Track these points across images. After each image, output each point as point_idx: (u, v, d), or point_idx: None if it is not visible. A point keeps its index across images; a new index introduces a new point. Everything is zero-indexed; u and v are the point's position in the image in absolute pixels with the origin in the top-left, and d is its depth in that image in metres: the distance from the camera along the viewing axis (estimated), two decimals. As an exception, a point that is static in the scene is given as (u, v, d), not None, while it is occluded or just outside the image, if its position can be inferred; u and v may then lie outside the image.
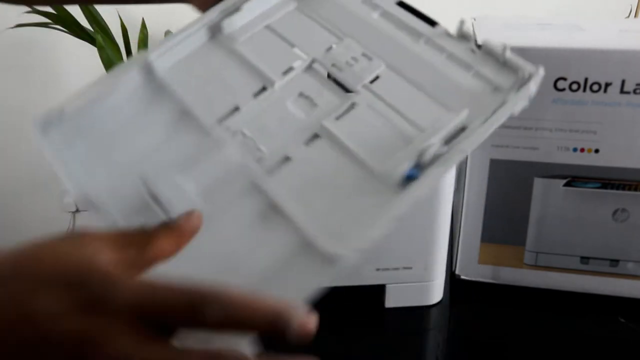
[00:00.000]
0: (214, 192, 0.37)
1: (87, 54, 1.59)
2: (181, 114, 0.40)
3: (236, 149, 0.38)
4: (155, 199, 0.35)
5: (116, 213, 0.35)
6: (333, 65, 0.41)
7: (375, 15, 0.44)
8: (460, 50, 0.40)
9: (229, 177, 0.37)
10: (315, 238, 0.33)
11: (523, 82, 0.37)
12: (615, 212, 0.54)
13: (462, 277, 0.61)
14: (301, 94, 0.40)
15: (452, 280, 0.61)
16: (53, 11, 1.52)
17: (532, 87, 0.37)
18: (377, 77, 0.40)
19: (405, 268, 0.54)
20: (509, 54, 0.38)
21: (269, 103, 0.40)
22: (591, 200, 0.54)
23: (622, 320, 0.55)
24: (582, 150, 0.53)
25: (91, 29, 1.54)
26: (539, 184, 0.55)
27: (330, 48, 0.42)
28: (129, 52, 1.59)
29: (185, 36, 0.43)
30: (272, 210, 0.36)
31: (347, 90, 0.40)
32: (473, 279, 0.60)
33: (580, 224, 0.56)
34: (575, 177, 0.54)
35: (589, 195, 0.54)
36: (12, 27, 1.53)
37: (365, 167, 0.36)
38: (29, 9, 1.51)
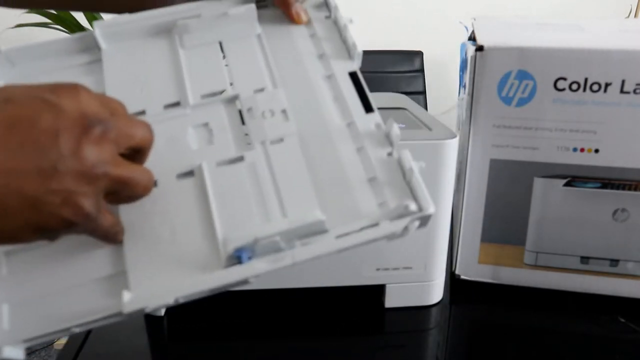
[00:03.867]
0: None
1: (87, 54, 1.59)
2: None
3: None
4: None
5: None
6: (249, 109, 0.40)
7: (321, 75, 0.42)
8: (376, 149, 0.38)
9: None
10: (129, 273, 0.34)
11: (403, 213, 0.34)
12: (615, 212, 0.54)
13: (462, 277, 0.61)
14: (206, 125, 0.40)
15: (452, 280, 0.61)
16: (53, 11, 1.52)
17: (411, 224, 0.34)
18: (281, 140, 0.38)
19: (405, 268, 0.54)
20: (415, 180, 0.35)
21: (173, 120, 0.40)
22: (591, 200, 0.54)
23: (622, 320, 0.55)
24: (582, 150, 0.53)
25: (91, 29, 1.54)
26: (539, 184, 0.55)
27: (261, 90, 0.41)
28: (129, 52, 1.59)
29: (139, 20, 0.44)
30: None
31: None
32: (473, 279, 0.60)
33: (580, 224, 0.56)
34: (575, 177, 0.54)
35: (589, 195, 0.54)
36: (12, 27, 1.53)
37: (210, 226, 0.35)
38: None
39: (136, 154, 0.34)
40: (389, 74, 1.69)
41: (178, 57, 0.43)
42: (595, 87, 0.50)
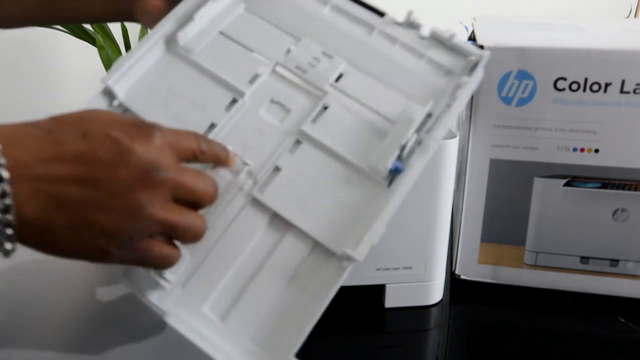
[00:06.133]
0: (215, 213, 0.37)
1: (87, 54, 1.59)
2: None
3: (224, 169, 0.38)
4: None
5: None
6: (297, 67, 0.41)
7: (325, 10, 0.44)
8: (410, 38, 0.42)
9: (226, 196, 0.38)
10: (323, 240, 0.36)
11: (474, 65, 0.40)
12: (615, 212, 0.54)
13: (462, 277, 0.61)
14: (272, 101, 0.41)
15: (452, 280, 0.61)
16: (53, 11, 1.52)
17: (481, 70, 0.40)
18: (341, 75, 0.41)
19: (405, 268, 0.54)
20: (456, 40, 0.40)
21: (242, 115, 0.40)
22: (591, 200, 0.54)
23: (622, 320, 0.55)
24: (582, 150, 0.53)
25: (91, 29, 1.54)
26: (539, 184, 0.55)
27: (289, 50, 0.42)
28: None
29: (141, 54, 0.42)
30: (277, 219, 0.37)
31: (315, 89, 0.41)
32: (473, 279, 0.60)
33: (580, 224, 0.56)
34: (575, 177, 0.54)
35: (589, 195, 0.54)
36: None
37: (351, 165, 0.37)
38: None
39: (195, 204, 0.35)
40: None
41: (197, 63, 0.42)
42: (595, 87, 0.50)
